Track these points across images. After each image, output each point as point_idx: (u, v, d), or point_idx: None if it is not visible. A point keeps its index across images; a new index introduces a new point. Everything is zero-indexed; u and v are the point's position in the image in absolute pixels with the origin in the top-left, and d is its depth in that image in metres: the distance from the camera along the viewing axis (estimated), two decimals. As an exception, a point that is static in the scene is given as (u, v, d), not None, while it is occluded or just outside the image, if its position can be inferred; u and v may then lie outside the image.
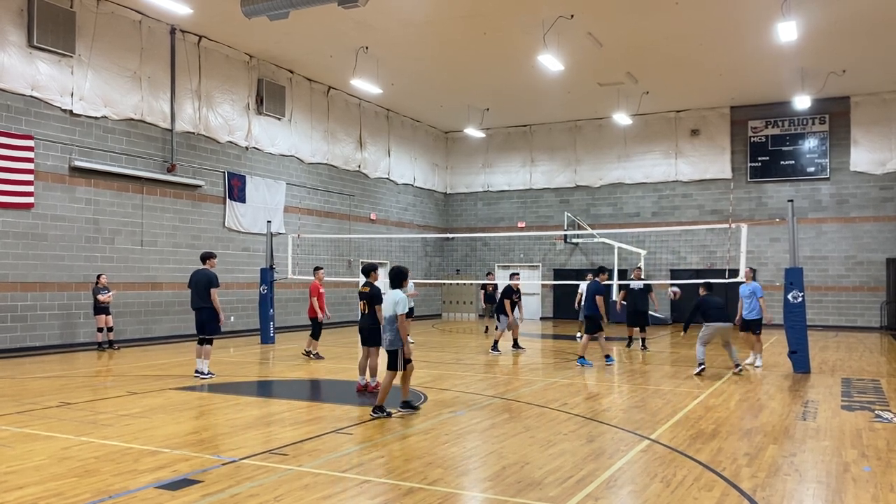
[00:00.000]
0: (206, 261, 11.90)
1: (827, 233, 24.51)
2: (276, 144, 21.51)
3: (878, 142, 23.86)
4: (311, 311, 14.64)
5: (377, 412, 8.33)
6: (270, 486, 5.58)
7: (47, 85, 15.36)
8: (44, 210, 15.38)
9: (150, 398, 9.67)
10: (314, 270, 15.26)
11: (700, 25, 17.86)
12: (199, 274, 11.72)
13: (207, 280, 11.55)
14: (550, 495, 5.42)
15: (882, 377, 12.37)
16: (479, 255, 30.15)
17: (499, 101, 25.43)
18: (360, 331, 10.16)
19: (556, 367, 13.47)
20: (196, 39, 18.78)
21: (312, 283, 14.73)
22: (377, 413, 8.32)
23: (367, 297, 9.76)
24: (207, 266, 11.81)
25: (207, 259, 11.94)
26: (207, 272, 11.66)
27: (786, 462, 6.50)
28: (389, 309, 8.48)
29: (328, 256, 22.86)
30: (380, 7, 16.23)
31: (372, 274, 10.05)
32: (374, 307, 9.60)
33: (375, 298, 9.63)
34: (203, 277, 11.62)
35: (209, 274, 11.63)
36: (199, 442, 7.08)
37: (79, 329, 15.96)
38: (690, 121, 26.51)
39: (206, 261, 11.91)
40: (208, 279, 11.56)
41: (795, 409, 9.24)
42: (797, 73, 21.34)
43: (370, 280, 9.93)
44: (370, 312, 9.72)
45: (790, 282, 13.15)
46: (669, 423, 8.16)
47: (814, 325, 21.65)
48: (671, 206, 26.84)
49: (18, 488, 5.51)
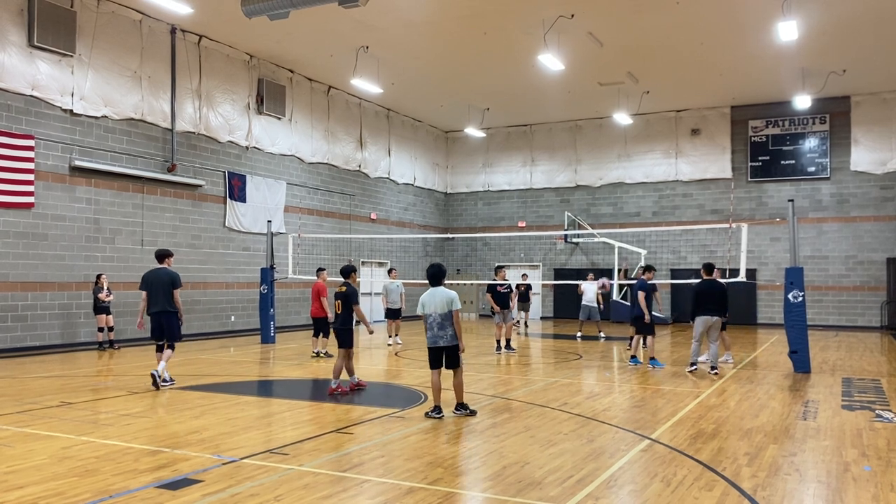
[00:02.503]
0: (164, 259, 10.76)
1: (827, 232, 24.51)
2: (277, 144, 21.51)
3: (879, 141, 23.86)
4: (316, 311, 14.72)
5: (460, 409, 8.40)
6: (271, 486, 5.58)
7: (48, 85, 15.36)
8: (44, 210, 15.38)
9: (151, 398, 9.67)
10: (317, 271, 15.33)
11: (700, 25, 17.86)
12: (160, 274, 10.55)
13: (171, 280, 10.49)
14: (551, 495, 5.42)
15: (882, 377, 12.36)
16: (480, 255, 30.15)
17: (499, 100, 25.43)
18: (335, 332, 10.15)
19: (557, 367, 13.47)
20: (196, 39, 18.79)
21: (317, 284, 14.79)
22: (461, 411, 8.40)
23: (343, 297, 9.85)
24: (166, 265, 10.71)
25: (165, 257, 10.79)
26: (169, 271, 10.60)
27: (786, 462, 6.50)
28: (444, 306, 8.30)
29: (328, 256, 22.85)
30: (380, 7, 16.23)
31: (352, 275, 10.17)
32: (349, 307, 9.68)
33: (352, 298, 9.74)
34: (165, 277, 10.51)
35: (171, 273, 10.57)
36: (199, 441, 7.08)
37: (79, 329, 15.96)
38: (691, 120, 26.51)
39: (163, 259, 10.76)
40: (171, 279, 10.50)
41: (796, 408, 9.24)
42: (797, 72, 21.34)
43: (349, 281, 10.02)
44: (344, 312, 9.81)
45: (790, 281, 13.13)
46: (670, 423, 8.16)
47: (814, 325, 21.65)
48: (671, 205, 26.84)
49: (19, 488, 5.51)
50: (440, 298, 8.33)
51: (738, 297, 24.94)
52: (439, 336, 8.34)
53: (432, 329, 8.37)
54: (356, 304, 9.94)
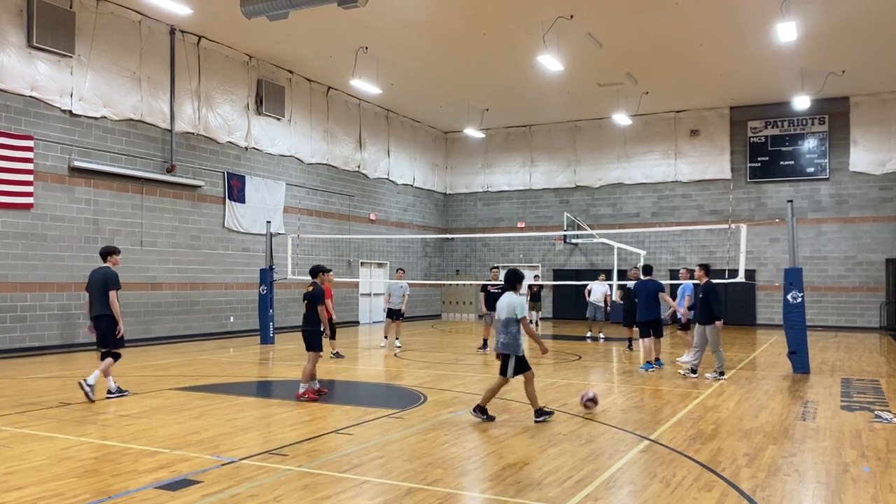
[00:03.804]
0: (107, 257, 9.82)
1: (826, 233, 24.52)
2: (276, 145, 21.51)
3: (878, 142, 23.88)
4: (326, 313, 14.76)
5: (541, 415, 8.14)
6: (270, 487, 5.57)
7: (47, 85, 15.35)
8: (43, 210, 15.37)
9: (150, 398, 9.66)
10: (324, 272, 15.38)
11: (700, 25, 17.87)
12: (97, 274, 9.68)
13: (105, 280, 9.53)
14: (550, 496, 5.42)
15: (881, 377, 12.37)
16: (479, 256, 30.15)
17: (498, 101, 25.44)
18: (302, 334, 9.99)
19: (556, 367, 13.47)
20: (196, 40, 18.78)
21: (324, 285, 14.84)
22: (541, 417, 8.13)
23: (309, 298, 9.73)
24: (109, 264, 9.77)
25: (109, 255, 9.84)
26: (106, 271, 9.64)
27: (785, 462, 6.50)
28: (506, 312, 8.23)
29: (328, 257, 22.86)
30: (380, 7, 16.24)
31: (320, 275, 10.05)
32: (314, 308, 9.59)
33: (318, 298, 9.64)
34: (100, 277, 9.58)
35: (108, 273, 9.60)
36: (198, 442, 7.07)
37: (78, 329, 15.94)
38: (690, 121, 26.52)
39: (106, 257, 9.83)
40: (105, 279, 9.54)
41: (795, 409, 9.24)
42: (797, 73, 21.35)
43: (316, 281, 9.92)
44: (309, 314, 9.69)
45: (790, 282, 13.14)
46: (669, 424, 8.16)
47: (813, 326, 21.66)
48: (671, 206, 26.85)
49: (18, 488, 5.51)
50: (505, 304, 8.30)
51: (737, 298, 25.04)
52: (499, 341, 8.35)
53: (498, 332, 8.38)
54: (321, 305, 9.74)
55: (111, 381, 9.72)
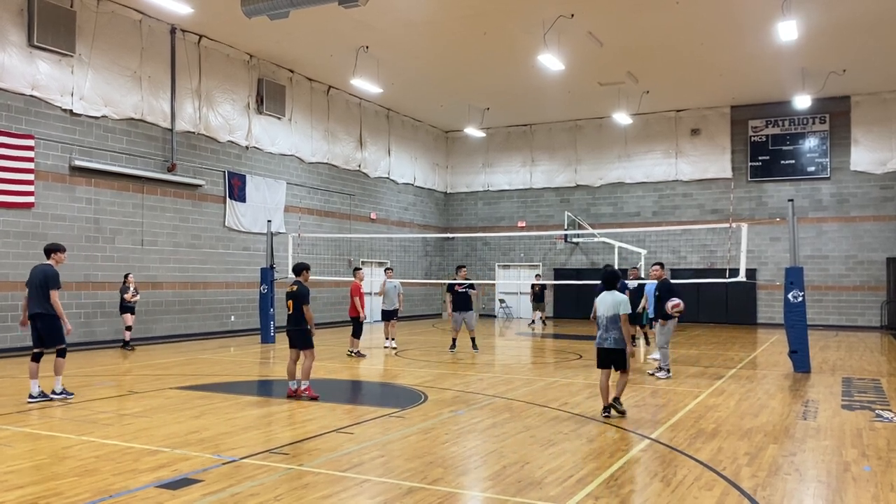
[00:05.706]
0: (51, 254, 9.55)
1: (827, 232, 24.51)
2: (277, 144, 21.51)
3: (879, 141, 23.86)
4: (353, 311, 15.03)
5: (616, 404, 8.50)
6: (270, 486, 5.58)
7: (47, 84, 15.36)
8: (44, 209, 15.37)
9: (151, 398, 9.67)
10: (354, 271, 15.74)
11: (700, 25, 17.85)
12: (37, 271, 9.37)
13: (44, 278, 9.24)
14: (551, 495, 5.42)
15: (882, 377, 12.36)
16: (480, 255, 30.14)
17: (499, 100, 25.43)
18: (287, 332, 9.91)
19: (557, 367, 13.47)
20: (196, 39, 18.78)
21: (353, 284, 15.16)
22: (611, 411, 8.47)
23: (294, 297, 9.66)
24: (52, 261, 9.48)
25: (53, 252, 9.56)
26: (46, 269, 9.32)
27: (786, 461, 6.50)
28: (611, 309, 8.42)
29: (328, 256, 22.86)
30: (380, 7, 16.23)
31: (303, 273, 9.96)
32: (300, 307, 9.57)
33: (302, 298, 9.59)
34: (40, 275, 9.28)
35: (48, 271, 9.29)
36: (199, 441, 7.08)
37: (79, 329, 15.93)
38: (691, 120, 26.50)
39: (49, 254, 9.55)
40: (45, 277, 9.24)
41: (796, 408, 9.24)
42: (797, 72, 21.34)
43: (300, 279, 9.86)
44: (295, 313, 9.63)
45: (790, 281, 13.14)
46: (670, 423, 8.16)
47: (814, 325, 21.64)
48: (671, 205, 26.84)
49: (19, 487, 5.51)
50: (610, 301, 8.46)
51: (738, 297, 25.04)
52: (605, 338, 8.52)
53: (600, 330, 8.58)
54: (306, 305, 9.64)
55: (58, 382, 9.55)
